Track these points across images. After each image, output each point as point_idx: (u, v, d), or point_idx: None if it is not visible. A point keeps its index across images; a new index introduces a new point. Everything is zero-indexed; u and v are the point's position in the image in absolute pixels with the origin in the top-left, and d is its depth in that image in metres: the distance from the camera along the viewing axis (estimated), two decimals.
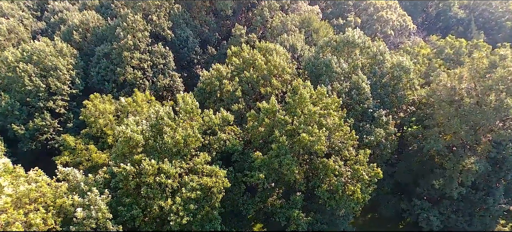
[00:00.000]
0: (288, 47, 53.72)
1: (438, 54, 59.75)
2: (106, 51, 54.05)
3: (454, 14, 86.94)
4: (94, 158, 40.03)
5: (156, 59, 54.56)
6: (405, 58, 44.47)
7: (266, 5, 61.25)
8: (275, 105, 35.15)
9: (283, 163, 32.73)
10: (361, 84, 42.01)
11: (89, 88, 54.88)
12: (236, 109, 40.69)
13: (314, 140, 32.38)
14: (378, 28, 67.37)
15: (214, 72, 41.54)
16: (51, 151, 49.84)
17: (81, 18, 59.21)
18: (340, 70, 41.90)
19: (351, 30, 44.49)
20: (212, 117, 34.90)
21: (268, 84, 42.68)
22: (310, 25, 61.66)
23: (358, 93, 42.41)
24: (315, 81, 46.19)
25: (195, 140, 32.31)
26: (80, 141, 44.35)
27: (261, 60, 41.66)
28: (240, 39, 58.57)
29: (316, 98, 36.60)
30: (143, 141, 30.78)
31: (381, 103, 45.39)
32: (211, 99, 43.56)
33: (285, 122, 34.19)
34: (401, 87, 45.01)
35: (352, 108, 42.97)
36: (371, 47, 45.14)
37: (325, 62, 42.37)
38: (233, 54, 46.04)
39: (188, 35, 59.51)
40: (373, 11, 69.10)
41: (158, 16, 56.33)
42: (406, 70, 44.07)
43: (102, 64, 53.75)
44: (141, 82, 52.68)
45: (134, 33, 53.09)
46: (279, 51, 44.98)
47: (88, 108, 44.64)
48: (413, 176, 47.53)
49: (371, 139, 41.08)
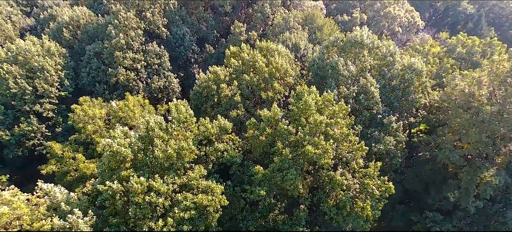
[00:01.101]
0: (291, 46, 50.48)
1: (449, 53, 56.56)
2: (97, 51, 50.88)
3: (464, 9, 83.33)
4: (81, 169, 37.13)
5: (151, 59, 51.37)
6: (417, 60, 41.26)
7: (267, 1, 57.80)
8: (277, 114, 32.09)
9: (286, 178, 29.78)
10: (369, 88, 38.89)
11: (79, 90, 51.85)
12: (235, 116, 37.67)
13: (320, 153, 29.37)
14: (385, 25, 63.98)
15: (211, 75, 38.42)
16: (40, 156, 46.96)
17: (71, 14, 55.91)
18: (347, 73, 38.75)
19: (359, 30, 41.21)
20: (208, 127, 31.88)
21: (270, 88, 39.56)
22: (314, 22, 58.31)
23: (367, 98, 39.31)
24: (320, 83, 43.07)
25: (189, 153, 29.31)
26: (68, 148, 41.45)
27: (261, 62, 38.50)
28: (240, 37, 55.31)
29: (321, 105, 33.50)
30: (131, 155, 27.80)
31: (391, 108, 42.34)
32: (208, 104, 40.50)
33: (288, 132, 31.16)
34: (412, 90, 41.86)
35: (360, 114, 39.92)
36: (381, 47, 41.89)
37: (331, 65, 39.19)
38: (232, 54, 42.86)
39: (185, 32, 56.23)
40: (380, 7, 65.63)
41: (152, 13, 53.00)
42: (418, 73, 40.92)
43: (93, 65, 50.62)
44: (134, 84, 49.57)
45: (126, 31, 49.85)
46: (281, 52, 41.79)
47: (77, 113, 41.67)
48: (423, 184, 44.63)
49: (380, 148, 38.09)
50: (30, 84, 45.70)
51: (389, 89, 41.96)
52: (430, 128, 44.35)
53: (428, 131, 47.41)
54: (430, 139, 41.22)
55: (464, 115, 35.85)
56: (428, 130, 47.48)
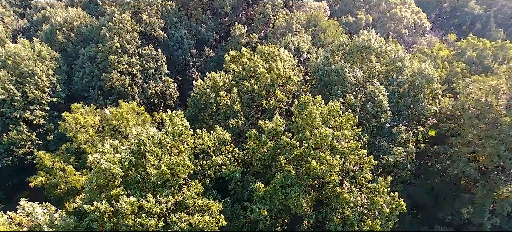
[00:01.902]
0: (293, 49, 48.16)
1: (459, 57, 54.13)
2: (91, 54, 48.66)
3: (471, 10, 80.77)
4: (71, 182, 34.94)
5: (147, 63, 49.12)
6: (427, 65, 38.87)
7: (269, 2, 55.47)
8: (279, 126, 29.80)
9: (289, 196, 27.51)
10: (377, 95, 36.57)
11: (73, 95, 49.65)
12: (235, 126, 35.41)
13: (326, 169, 27.09)
14: (391, 26, 61.56)
15: (209, 82, 36.14)
16: (31, 165, 44.78)
17: (65, 16, 53.67)
18: (354, 80, 36.41)
19: (366, 33, 38.86)
20: (205, 139, 29.61)
21: (272, 95, 37.30)
22: (317, 23, 55.93)
23: (374, 106, 36.99)
24: (324, 89, 40.79)
25: (184, 169, 27.06)
26: (58, 158, 39.30)
27: (262, 68, 36.21)
28: (240, 40, 53.02)
29: (327, 115, 31.22)
30: (121, 172, 25.56)
31: (399, 116, 40.00)
32: (206, 112, 38.24)
33: (292, 146, 28.87)
34: (422, 98, 39.50)
35: (367, 123, 37.59)
36: (389, 52, 39.54)
37: (337, 71, 36.87)
38: (232, 59, 40.60)
39: (183, 35, 53.96)
40: (386, 8, 63.20)
41: (149, 14, 50.73)
42: (429, 79, 38.54)
43: (86, 69, 48.42)
44: (129, 90, 47.32)
45: (121, 34, 47.60)
46: (283, 57, 39.49)
47: (68, 121, 39.52)
48: (433, 196, 42.29)
49: (389, 160, 35.78)
50: (20, 90, 43.53)
51: (398, 96, 39.64)
52: (441, 137, 41.92)
53: (438, 139, 44.95)
54: (441, 150, 38.87)
55: (480, 125, 33.50)
56: (439, 138, 45.03)
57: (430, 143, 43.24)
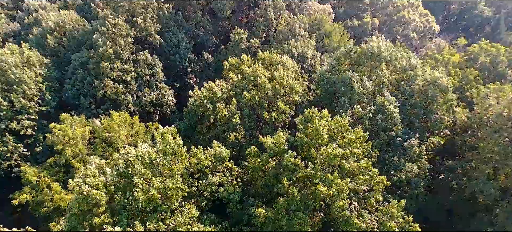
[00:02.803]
0: (297, 55, 45.46)
1: (471, 63, 51.35)
2: (82, 60, 46.07)
3: (480, 12, 77.89)
4: (56, 200, 32.33)
5: (142, 69, 46.48)
6: (441, 74, 36.11)
7: (271, 5, 52.79)
8: (282, 143, 27.10)
9: (293, 222, 24.81)
10: (388, 107, 33.84)
11: (63, 104, 47.12)
12: (234, 140, 32.75)
13: (334, 194, 24.38)
14: (398, 30, 58.78)
15: (206, 93, 33.48)
16: (18, 178, 42.18)
17: (57, 19, 51.12)
18: (362, 91, 33.69)
19: (375, 40, 36.15)
20: (201, 158, 26.95)
21: (274, 107, 34.60)
22: (321, 27, 53.23)
23: (384, 119, 34.26)
24: (330, 99, 38.11)
25: (177, 192, 24.41)
26: (45, 173, 36.74)
27: (264, 78, 33.54)
28: (240, 45, 50.38)
29: (334, 131, 28.51)
30: (106, 197, 22.92)
31: (411, 128, 37.23)
32: (203, 124, 35.62)
33: (296, 166, 26.16)
34: (435, 108, 36.74)
35: (376, 136, 34.88)
36: (399, 59, 36.81)
37: (344, 81, 34.17)
38: (231, 67, 37.98)
39: (180, 39, 51.31)
40: (393, 11, 60.45)
41: (144, 18, 48.08)
42: (443, 89, 35.78)
43: (78, 76, 45.83)
44: (123, 98, 44.68)
45: (114, 39, 44.98)
46: (286, 64, 36.82)
47: (55, 133, 36.94)
48: (446, 213, 39.57)
49: (401, 177, 33.05)
50: (6, 99, 40.97)
51: (409, 107, 36.90)
52: (455, 150, 39.15)
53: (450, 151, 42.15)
54: (456, 165, 36.09)
55: (501, 141, 30.74)
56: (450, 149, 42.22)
57: (442, 155, 40.42)
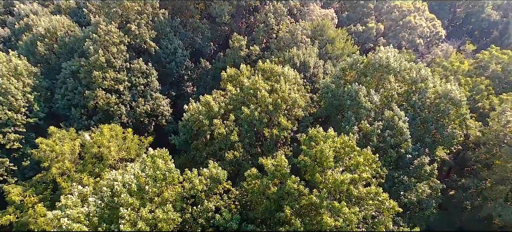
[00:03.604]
0: (299, 64, 43.16)
1: (481, 71, 49.00)
2: (73, 69, 43.84)
3: (487, 15, 75.49)
4: (40, 224, 30.01)
5: (136, 78, 44.18)
6: (454, 86, 33.77)
7: (271, 10, 50.47)
8: (284, 167, 24.78)
9: None
10: (397, 122, 31.49)
11: (53, 114, 44.87)
12: (231, 158, 30.43)
13: (342, 225, 22.04)
14: (404, 36, 56.42)
15: (201, 108, 31.14)
16: (1, 195, 39.97)
17: (48, 25, 48.84)
18: (370, 105, 31.34)
19: (384, 50, 33.79)
20: (195, 183, 24.61)
21: (275, 121, 32.29)
22: (324, 33, 50.90)
23: (393, 135, 31.92)
24: (335, 112, 35.82)
25: (167, 223, 22.07)
26: (30, 191, 34.41)
27: (264, 91, 31.20)
28: (240, 52, 48.08)
29: (341, 151, 26.17)
30: (88, 231, 20.59)
31: (421, 144, 34.89)
32: (199, 140, 33.29)
33: (300, 193, 23.83)
34: (447, 123, 34.39)
35: (385, 153, 32.56)
36: (408, 70, 34.48)
37: (350, 94, 31.83)
38: (229, 78, 35.65)
39: (177, 46, 49.02)
40: (398, 16, 58.08)
41: (138, 24, 45.77)
42: (456, 103, 33.42)
43: (68, 85, 43.60)
44: (116, 109, 42.37)
45: (107, 46, 42.69)
46: (287, 76, 34.48)
47: (42, 149, 34.64)
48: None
49: (412, 198, 30.70)
50: None
51: (419, 121, 34.55)
52: (467, 166, 36.84)
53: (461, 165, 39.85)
54: (470, 183, 33.75)
55: None
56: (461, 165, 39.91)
57: (454, 170, 38.07)
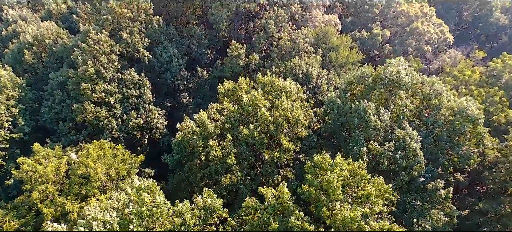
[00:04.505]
0: (301, 75, 40.51)
1: (494, 80, 46.31)
2: (61, 80, 41.22)
3: (496, 20, 72.79)
4: None
5: (128, 90, 41.53)
6: (471, 103, 31.09)
7: (272, 16, 47.80)
8: (286, 200, 22.10)
9: None
10: (409, 143, 28.83)
11: (40, 128, 42.27)
12: (228, 184, 27.78)
13: None
14: (411, 43, 53.74)
15: (195, 128, 28.45)
16: None
17: (36, 33, 46.24)
18: (380, 125, 28.66)
19: (394, 63, 31.10)
20: (186, 218, 21.94)
21: (276, 141, 29.64)
22: (327, 40, 48.22)
23: (405, 156, 29.25)
24: (340, 130, 33.15)
25: None
26: (10, 215, 31.71)
27: (264, 109, 28.54)
28: (238, 61, 45.41)
29: (349, 177, 23.51)
30: None
31: (434, 164, 32.24)
32: (194, 161, 30.63)
33: (305, 231, 21.15)
34: (463, 142, 31.70)
35: (396, 176, 29.92)
36: (422, 86, 31.83)
37: (358, 112, 29.15)
38: (226, 93, 32.98)
39: (172, 55, 46.36)
40: (405, 22, 55.39)
41: (131, 32, 43.12)
42: (472, 120, 30.75)
43: (56, 97, 40.97)
44: (106, 123, 39.71)
45: (97, 56, 40.06)
46: (289, 91, 31.80)
47: (24, 169, 31.97)
48: None
49: (426, 228, 28.01)
50: None
51: (433, 140, 31.88)
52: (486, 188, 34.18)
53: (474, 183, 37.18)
54: (488, 208, 31.05)
55: None
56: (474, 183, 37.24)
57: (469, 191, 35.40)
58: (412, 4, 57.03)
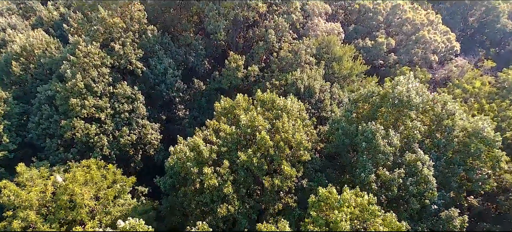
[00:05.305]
0: (303, 89, 38.32)
1: (505, 93, 44.16)
2: (49, 94, 39.00)
3: (503, 26, 70.63)
4: None
5: (119, 105, 39.29)
6: (487, 124, 28.88)
7: (272, 25, 45.60)
8: None
9: None
10: (421, 169, 26.63)
11: (27, 144, 40.05)
12: (225, 213, 25.56)
13: None
14: (417, 52, 51.55)
15: (189, 153, 26.21)
16: None
17: (24, 42, 44.00)
18: (389, 149, 26.45)
19: (404, 81, 28.86)
20: None
21: (276, 166, 27.43)
22: (330, 50, 46.06)
23: (416, 182, 27.05)
24: (346, 151, 30.94)
25: None
26: None
27: (264, 132, 26.32)
28: (237, 73, 43.20)
29: (359, 215, 21.30)
30: None
31: (446, 188, 30.04)
32: (188, 187, 28.40)
33: None
34: (477, 165, 29.50)
35: (406, 203, 27.73)
36: (433, 104, 29.63)
37: (366, 135, 26.93)
38: (223, 112, 30.78)
39: (167, 66, 44.14)
40: (411, 30, 53.20)
41: (123, 43, 40.91)
42: (488, 143, 28.55)
43: (44, 112, 38.74)
44: (96, 140, 37.44)
45: (87, 69, 37.84)
46: (291, 110, 29.58)
47: (5, 194, 29.75)
48: None
49: None
50: None
51: (445, 162, 29.67)
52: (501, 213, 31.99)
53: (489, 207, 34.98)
54: None
55: None
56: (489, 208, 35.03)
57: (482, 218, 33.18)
58: (418, 12, 54.88)
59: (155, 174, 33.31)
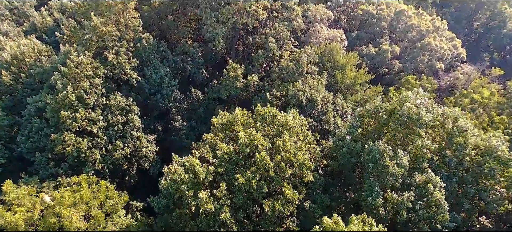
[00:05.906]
0: (305, 101, 36.57)
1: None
2: (39, 106, 37.30)
3: (509, 31, 68.86)
4: None
5: (113, 117, 37.57)
6: (500, 142, 27.11)
7: (272, 33, 43.87)
8: None
9: None
10: (432, 191, 24.87)
11: (16, 158, 38.30)
12: None
13: None
14: (423, 60, 49.80)
15: (183, 176, 24.47)
16: None
17: (15, 51, 42.31)
18: (398, 171, 24.68)
19: (413, 97, 27.10)
20: None
21: (277, 188, 25.68)
22: (332, 58, 44.33)
23: (427, 205, 25.31)
24: (350, 169, 29.20)
25: None
26: None
27: (264, 152, 24.59)
28: (236, 83, 41.46)
29: None
30: None
31: (457, 209, 28.28)
32: (183, 209, 26.67)
33: None
34: (490, 186, 27.75)
35: (415, 226, 26.00)
36: (443, 119, 27.88)
37: (373, 156, 25.17)
38: (220, 128, 29.04)
39: (163, 75, 42.44)
40: (416, 37, 51.44)
41: (117, 52, 39.21)
42: (503, 162, 26.79)
43: (34, 125, 37.01)
44: (88, 154, 35.69)
45: (78, 80, 36.14)
46: (293, 127, 27.83)
47: None
48: None
49: None
50: None
51: (456, 182, 27.91)
52: None
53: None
54: None
55: None
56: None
57: None
58: (423, 17, 53.15)
59: (151, 187, 31.67)
